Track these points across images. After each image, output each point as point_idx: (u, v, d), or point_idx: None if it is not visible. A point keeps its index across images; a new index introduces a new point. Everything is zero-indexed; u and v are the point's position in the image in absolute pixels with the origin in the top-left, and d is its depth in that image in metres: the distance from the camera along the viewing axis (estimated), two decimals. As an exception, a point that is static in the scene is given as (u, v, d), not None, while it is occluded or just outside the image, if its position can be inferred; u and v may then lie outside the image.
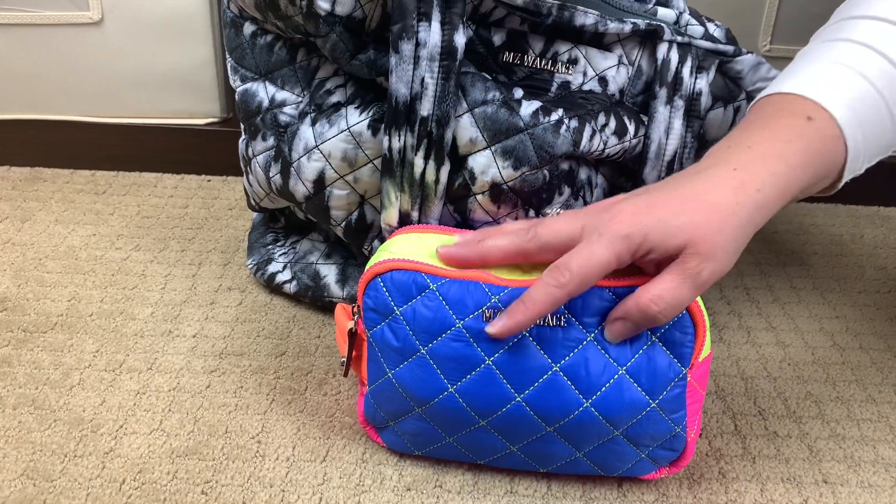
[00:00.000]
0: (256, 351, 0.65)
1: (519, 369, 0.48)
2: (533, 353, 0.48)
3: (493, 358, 0.48)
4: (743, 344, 0.68)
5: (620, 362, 0.48)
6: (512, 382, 0.48)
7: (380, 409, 0.53)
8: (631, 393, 0.48)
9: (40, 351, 0.63)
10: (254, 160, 0.65)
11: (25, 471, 0.52)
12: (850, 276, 0.79)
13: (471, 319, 0.48)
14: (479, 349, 0.48)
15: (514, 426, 0.49)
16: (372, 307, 0.50)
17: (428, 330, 0.48)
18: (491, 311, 0.48)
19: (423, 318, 0.48)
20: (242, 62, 0.64)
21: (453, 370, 0.49)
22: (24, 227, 0.82)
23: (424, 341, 0.49)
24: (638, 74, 0.60)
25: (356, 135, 0.58)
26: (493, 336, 0.47)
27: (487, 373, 0.48)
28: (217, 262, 0.77)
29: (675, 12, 0.62)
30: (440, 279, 0.49)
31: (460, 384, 0.49)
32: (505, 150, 0.55)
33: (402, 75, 0.54)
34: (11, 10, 0.87)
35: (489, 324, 0.47)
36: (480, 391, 0.49)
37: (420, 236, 0.53)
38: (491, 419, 0.49)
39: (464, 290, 0.48)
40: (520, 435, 0.50)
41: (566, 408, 0.48)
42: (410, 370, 0.49)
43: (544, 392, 0.48)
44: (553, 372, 0.48)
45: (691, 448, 0.51)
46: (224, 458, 0.54)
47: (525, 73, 0.59)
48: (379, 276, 0.50)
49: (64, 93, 0.92)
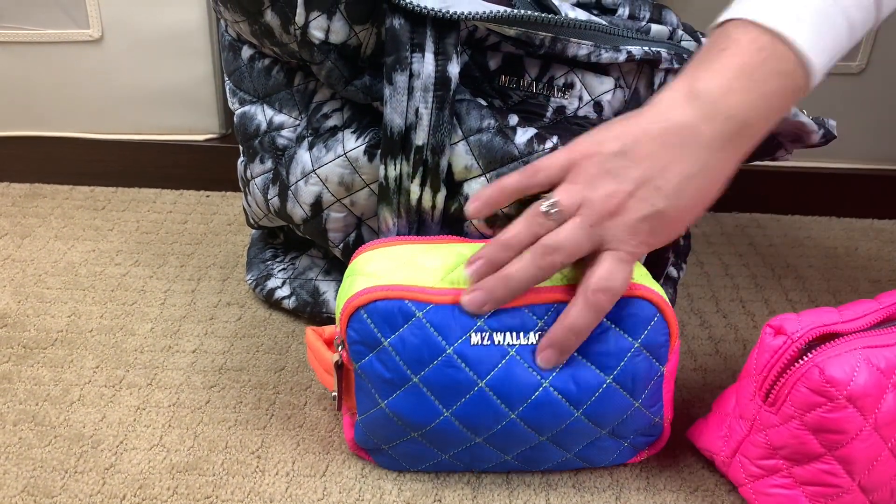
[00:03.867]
0: (256, 366, 0.65)
1: (511, 389, 0.48)
2: (523, 372, 0.48)
3: (485, 380, 0.48)
4: (740, 357, 0.69)
5: (607, 372, 0.49)
6: (505, 401, 0.49)
7: (372, 437, 0.53)
8: (618, 398, 0.49)
9: (40, 367, 0.64)
10: (252, 182, 0.65)
11: (26, 487, 0.52)
12: (845, 289, 0.80)
13: (460, 344, 0.48)
14: (472, 373, 0.48)
15: (509, 440, 0.50)
16: (358, 340, 0.49)
17: (418, 359, 0.48)
18: (479, 333, 0.48)
19: (412, 347, 0.48)
20: (241, 85, 0.64)
21: (447, 395, 0.49)
22: (24, 243, 0.82)
23: (416, 370, 0.49)
24: (634, 98, 0.60)
25: (352, 160, 0.59)
26: (465, 307, 0.48)
27: (481, 395, 0.49)
28: (216, 277, 0.77)
29: (669, 28, 0.62)
30: (425, 305, 0.48)
31: (455, 408, 0.49)
32: (500, 177, 0.56)
33: (396, 106, 0.54)
34: (12, 28, 0.88)
35: (463, 295, 0.48)
36: (475, 413, 0.49)
37: (389, 250, 0.53)
38: (487, 436, 0.50)
39: (450, 315, 0.48)
40: (514, 446, 0.51)
41: (558, 420, 0.49)
42: (404, 399, 0.50)
43: (537, 407, 0.49)
44: (544, 388, 0.48)
45: (667, 430, 0.54)
46: (224, 473, 0.54)
47: (520, 96, 0.59)
48: (362, 308, 0.49)
49: (64, 110, 0.93)
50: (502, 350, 0.49)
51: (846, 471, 0.47)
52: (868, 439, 0.47)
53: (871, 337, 0.48)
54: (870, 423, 0.46)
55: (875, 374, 0.46)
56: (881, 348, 0.47)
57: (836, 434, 0.47)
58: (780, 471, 0.50)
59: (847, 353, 0.47)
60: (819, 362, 0.46)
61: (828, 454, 0.47)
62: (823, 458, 0.48)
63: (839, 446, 0.47)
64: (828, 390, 0.46)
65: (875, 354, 0.47)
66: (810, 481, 0.49)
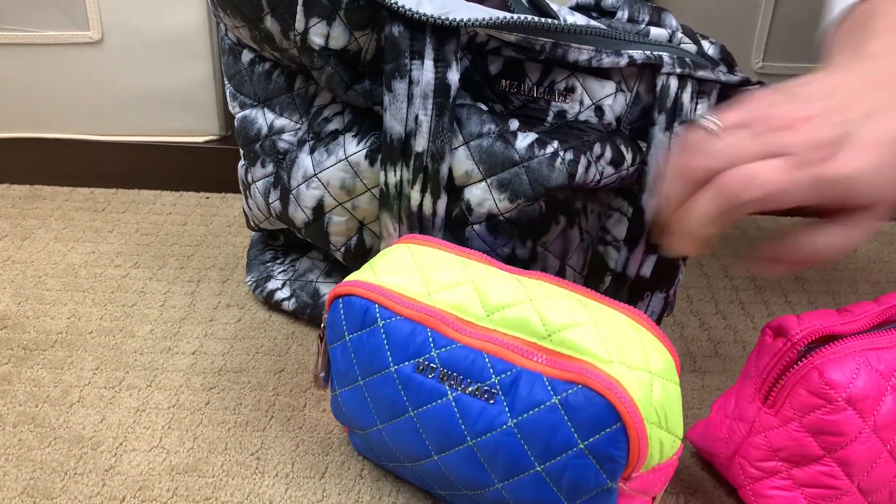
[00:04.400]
0: (255, 367, 0.65)
1: (437, 432, 0.46)
2: (452, 421, 0.45)
3: (416, 412, 0.47)
4: (739, 358, 0.69)
5: (540, 460, 0.43)
6: (430, 441, 0.47)
7: (337, 412, 0.54)
8: (545, 490, 0.44)
9: (40, 368, 0.64)
10: (253, 186, 0.65)
11: (26, 489, 0.52)
12: (845, 291, 0.80)
13: (405, 366, 0.47)
14: (406, 398, 0.47)
15: (437, 479, 0.49)
16: (331, 325, 0.51)
17: (367, 365, 0.48)
18: (426, 363, 0.46)
19: (364, 352, 0.48)
20: (241, 89, 0.64)
21: (382, 410, 0.48)
22: (24, 244, 0.82)
23: (363, 374, 0.49)
24: (636, 101, 0.60)
25: (354, 164, 0.59)
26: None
27: (409, 423, 0.47)
28: (216, 279, 0.77)
29: (668, 31, 0.62)
30: (392, 315, 0.47)
31: (387, 425, 0.49)
32: (500, 182, 0.56)
33: (395, 113, 0.54)
34: (12, 29, 0.88)
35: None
36: (403, 438, 0.48)
37: (413, 251, 0.52)
38: (415, 466, 0.49)
39: (409, 335, 0.47)
40: (442, 486, 0.49)
41: (479, 481, 0.46)
42: (351, 396, 0.50)
43: (459, 460, 0.46)
44: (467, 446, 0.45)
45: None
46: (224, 474, 0.54)
47: (521, 101, 0.59)
48: (341, 298, 0.50)
49: (64, 111, 0.93)
50: (441, 390, 0.46)
51: (845, 473, 0.48)
52: (867, 442, 0.47)
53: (871, 339, 0.48)
54: (869, 426, 0.46)
55: (874, 377, 0.46)
56: (881, 350, 0.47)
57: (835, 436, 0.47)
58: (779, 473, 0.50)
59: (847, 356, 0.47)
60: (818, 364, 0.46)
61: (827, 456, 0.47)
62: (823, 461, 0.48)
63: (839, 448, 0.47)
64: (827, 392, 0.46)
65: (875, 356, 0.47)
66: (809, 483, 0.49)
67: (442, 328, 0.46)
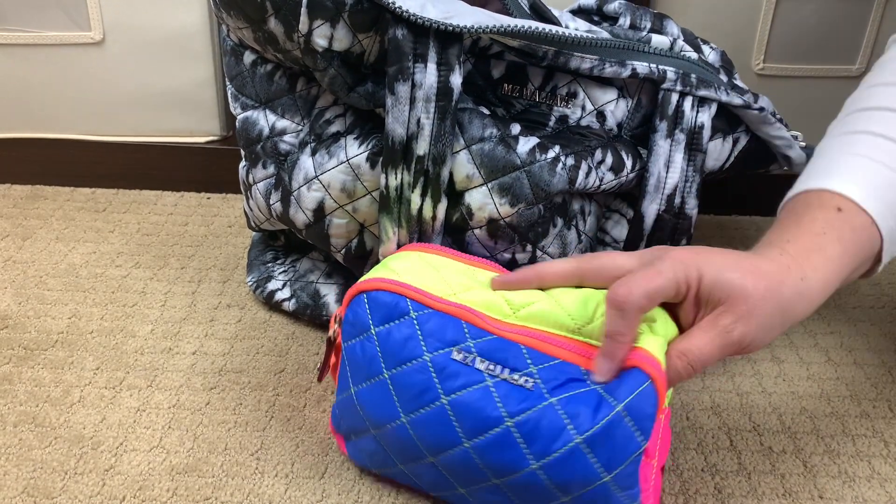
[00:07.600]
0: (255, 368, 0.65)
1: (471, 415, 0.46)
2: (490, 404, 0.46)
3: (449, 398, 0.47)
4: (738, 360, 0.69)
5: (579, 429, 0.44)
6: (462, 427, 0.47)
7: (343, 421, 0.54)
8: (584, 463, 0.44)
9: (41, 368, 0.64)
10: (254, 187, 0.66)
11: (26, 488, 0.53)
12: (845, 292, 0.80)
13: (440, 354, 0.47)
14: (439, 385, 0.47)
15: (461, 470, 0.48)
16: (351, 321, 0.51)
17: (396, 355, 0.48)
18: (463, 352, 0.47)
19: (394, 342, 0.48)
20: (243, 90, 0.64)
21: (409, 400, 0.48)
22: (25, 244, 0.82)
23: (389, 366, 0.49)
24: (638, 107, 0.60)
25: (355, 167, 0.59)
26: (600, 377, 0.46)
27: (441, 411, 0.47)
28: (217, 279, 0.78)
29: (670, 38, 0.62)
30: (423, 308, 0.49)
31: (413, 416, 0.48)
32: (501, 186, 0.56)
33: (398, 116, 0.54)
34: (14, 30, 0.88)
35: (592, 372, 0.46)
36: (430, 428, 0.48)
37: (423, 256, 0.53)
38: (438, 458, 0.48)
39: (443, 325, 0.48)
40: (466, 480, 0.48)
41: (512, 465, 0.46)
42: (370, 391, 0.50)
43: (493, 445, 0.46)
44: (504, 427, 0.46)
45: None
46: (223, 475, 0.54)
47: (523, 105, 0.59)
48: (365, 293, 0.50)
49: (65, 112, 0.93)
50: (479, 375, 0.46)
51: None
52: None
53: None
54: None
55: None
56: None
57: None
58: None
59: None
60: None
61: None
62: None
63: None
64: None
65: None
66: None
67: (476, 321, 0.48)
